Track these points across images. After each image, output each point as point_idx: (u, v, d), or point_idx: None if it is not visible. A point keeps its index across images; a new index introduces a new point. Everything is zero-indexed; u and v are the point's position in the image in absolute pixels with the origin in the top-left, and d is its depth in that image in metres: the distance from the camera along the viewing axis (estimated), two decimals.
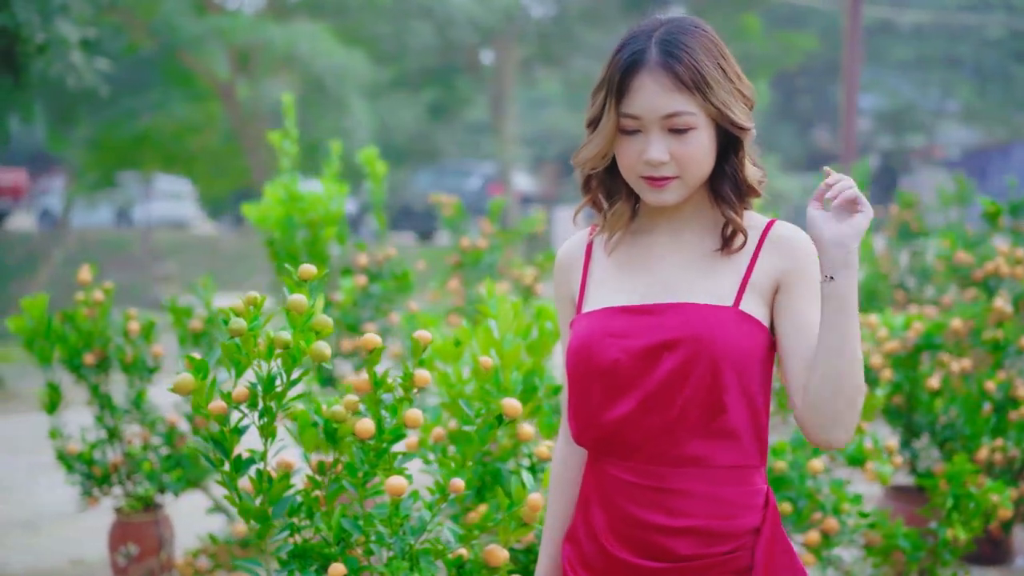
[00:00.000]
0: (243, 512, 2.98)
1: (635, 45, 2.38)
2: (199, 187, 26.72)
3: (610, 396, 2.42)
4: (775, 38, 31.84)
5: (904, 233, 10.39)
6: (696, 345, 2.33)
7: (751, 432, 2.39)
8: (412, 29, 23.84)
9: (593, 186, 2.57)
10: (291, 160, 6.15)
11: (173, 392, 2.86)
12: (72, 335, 5.36)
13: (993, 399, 5.45)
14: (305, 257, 6.05)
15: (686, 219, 2.50)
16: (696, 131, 2.36)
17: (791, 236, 2.42)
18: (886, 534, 4.45)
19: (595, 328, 2.46)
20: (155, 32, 18.54)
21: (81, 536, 6.96)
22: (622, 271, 2.54)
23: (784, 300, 2.40)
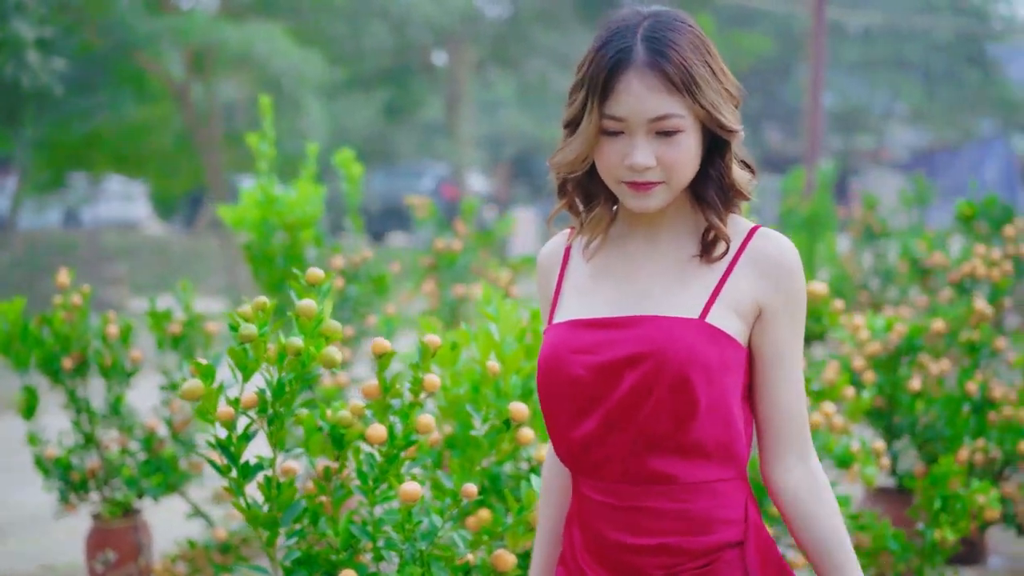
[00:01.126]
0: (251, 519, 2.95)
1: (619, 42, 2.24)
2: (151, 188, 26.51)
3: (576, 414, 2.34)
4: (727, 39, 31.97)
5: (867, 235, 10.48)
6: (657, 360, 2.23)
7: (723, 446, 2.28)
8: (367, 29, 23.75)
9: (569, 189, 2.45)
10: (268, 162, 6.09)
11: (182, 398, 2.83)
12: (49, 339, 5.29)
13: (972, 400, 5.49)
14: (282, 260, 6.00)
15: (665, 224, 2.39)
16: (684, 134, 2.25)
17: (775, 255, 2.31)
18: (875, 536, 4.47)
19: (560, 342, 2.36)
20: (108, 31, 18.36)
21: (54, 542, 6.88)
22: (596, 279, 2.43)
23: (763, 328, 2.32)
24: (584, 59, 2.29)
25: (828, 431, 4.50)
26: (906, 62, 37.36)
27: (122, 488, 5.43)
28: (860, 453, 4.54)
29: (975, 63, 37.19)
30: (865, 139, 40.32)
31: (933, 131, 39.58)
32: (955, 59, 36.87)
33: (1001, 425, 5.30)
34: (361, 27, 23.68)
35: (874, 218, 10.58)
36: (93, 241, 24.01)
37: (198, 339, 5.60)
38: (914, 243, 8.65)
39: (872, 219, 10.56)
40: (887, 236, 10.53)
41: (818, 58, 17.21)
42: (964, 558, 6.05)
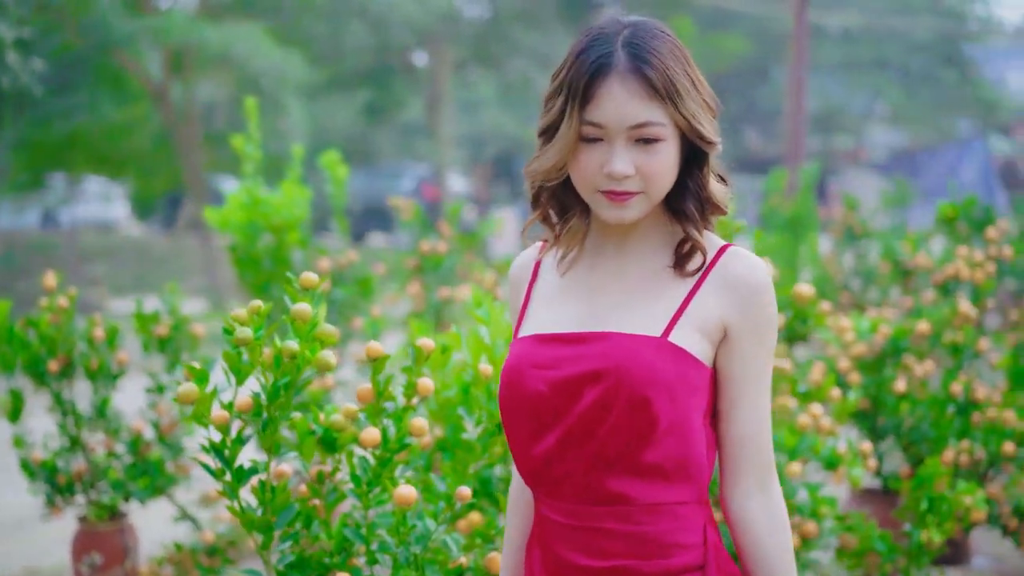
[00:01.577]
0: (246, 523, 2.95)
1: (600, 48, 2.20)
2: (130, 188, 26.43)
3: (536, 430, 2.29)
4: (707, 41, 32.05)
5: (849, 236, 10.53)
6: (617, 377, 2.18)
7: (683, 468, 2.23)
8: (348, 29, 23.73)
9: (544, 200, 2.39)
10: (253, 164, 6.09)
11: (177, 402, 2.83)
12: (35, 342, 5.27)
13: (956, 402, 5.53)
14: (268, 262, 6.00)
15: (636, 237, 2.34)
16: (664, 143, 2.21)
17: (745, 275, 2.25)
18: (862, 537, 4.50)
19: (522, 357, 2.32)
20: (87, 32, 18.30)
21: (38, 544, 6.86)
22: (563, 293, 2.38)
23: (728, 349, 2.26)
24: (562, 66, 2.26)
25: (815, 432, 4.52)
26: (884, 63, 37.50)
27: (108, 491, 5.42)
28: (847, 454, 4.56)
29: (952, 64, 37.36)
30: (843, 139, 40.44)
31: (911, 131, 39.74)
32: (933, 60, 37.03)
33: (985, 427, 5.33)
34: (341, 27, 23.68)
35: (855, 219, 10.64)
36: (72, 242, 23.92)
37: (184, 341, 5.59)
38: (897, 244, 8.69)
39: (853, 220, 10.61)
40: (868, 237, 10.59)
41: (800, 60, 17.26)
42: (948, 559, 6.08)
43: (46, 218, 31.84)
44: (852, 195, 11.16)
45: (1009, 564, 6.17)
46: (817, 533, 4.34)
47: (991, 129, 39.03)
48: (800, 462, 4.44)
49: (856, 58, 37.38)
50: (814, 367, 5.15)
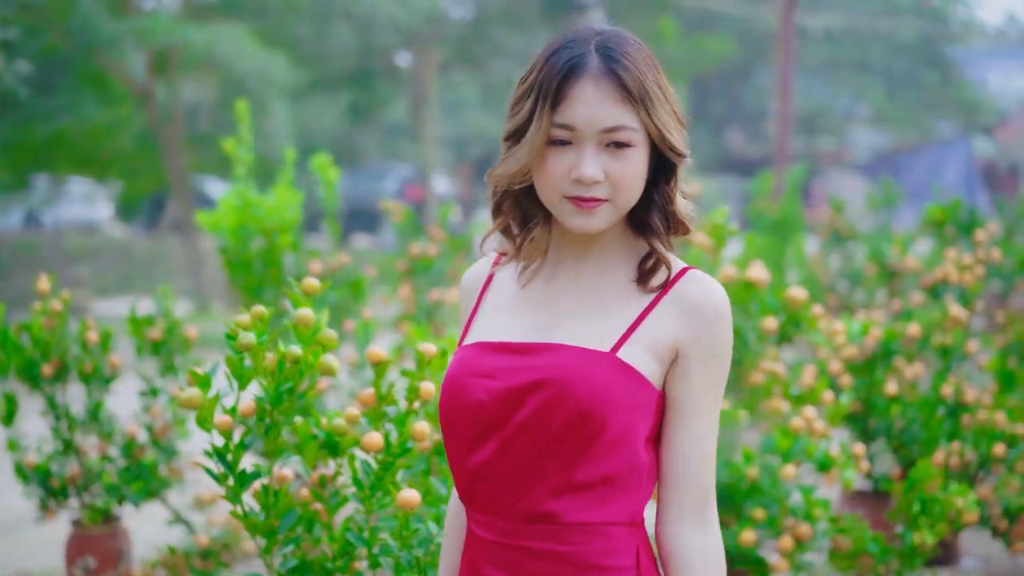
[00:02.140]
0: (250, 527, 2.96)
1: (573, 50, 2.16)
2: (114, 189, 26.37)
3: (473, 440, 2.21)
4: (690, 42, 32.12)
5: (835, 238, 10.59)
6: (559, 389, 2.11)
7: (619, 487, 2.16)
8: (332, 31, 23.73)
9: (506, 209, 2.30)
10: (245, 167, 6.10)
11: (181, 407, 2.84)
12: (28, 346, 5.27)
13: (946, 404, 5.57)
14: (260, 266, 6.01)
15: (595, 251, 2.27)
16: (634, 150, 2.15)
17: (700, 299, 2.19)
18: (856, 539, 4.53)
19: (464, 365, 2.25)
20: (71, 33, 18.26)
21: (30, 546, 6.85)
22: (517, 304, 2.31)
23: (677, 374, 2.19)
24: (531, 69, 2.20)
25: (808, 435, 4.55)
26: (867, 64, 37.66)
27: (102, 494, 5.42)
28: (840, 457, 4.60)
29: (934, 65, 37.55)
30: (826, 140, 40.59)
31: (893, 133, 39.91)
32: (915, 61, 37.21)
33: (976, 429, 5.37)
34: (326, 29, 23.66)
35: (841, 221, 10.71)
36: (55, 243, 23.85)
37: (177, 344, 5.59)
38: (885, 246, 8.74)
39: (839, 222, 10.68)
40: (855, 239, 10.66)
41: (787, 63, 17.31)
42: (937, 560, 6.12)
43: (29, 219, 31.74)
44: (837, 197, 11.23)
45: (997, 565, 6.21)
46: (811, 535, 4.38)
47: (973, 130, 39.25)
48: (794, 464, 4.48)
49: (839, 59, 37.56)
50: (806, 370, 5.19)
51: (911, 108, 37.54)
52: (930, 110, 38.07)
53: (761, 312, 4.85)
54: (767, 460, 4.48)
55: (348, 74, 26.55)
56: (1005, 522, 5.25)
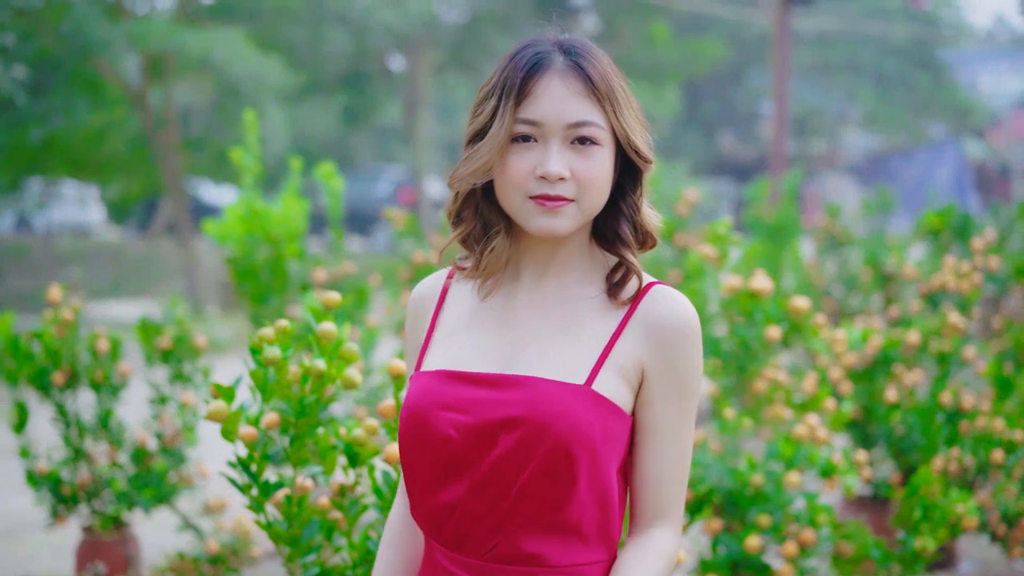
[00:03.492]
0: (274, 536, 3.03)
1: (537, 48, 2.14)
2: (108, 193, 26.39)
3: (440, 477, 2.14)
4: (682, 45, 32.19)
5: (831, 243, 10.68)
6: (538, 427, 2.05)
7: (598, 526, 2.12)
8: (326, 35, 23.77)
9: (466, 217, 2.24)
10: (252, 177, 6.17)
11: (208, 420, 2.91)
12: (39, 354, 5.34)
13: (945, 410, 5.65)
14: (266, 274, 6.08)
15: (559, 264, 2.21)
16: (601, 148, 2.11)
17: (665, 319, 2.14)
18: (858, 544, 4.60)
19: (428, 395, 2.15)
20: (65, 37, 18.28)
21: (37, 552, 6.89)
22: (476, 324, 2.23)
23: (644, 396, 2.14)
24: (492, 74, 2.17)
25: (811, 443, 4.62)
26: (859, 66, 37.77)
27: (112, 501, 5.48)
28: (842, 463, 4.67)
29: (926, 68, 37.68)
30: (818, 143, 40.70)
31: (885, 135, 40.04)
32: (907, 64, 37.33)
33: (974, 435, 5.45)
34: (320, 32, 23.70)
35: (837, 227, 10.80)
36: (46, 246, 23.86)
37: (186, 352, 5.65)
38: (882, 252, 8.82)
39: (835, 228, 10.77)
40: (850, 244, 10.75)
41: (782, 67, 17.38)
42: (937, 564, 6.19)
43: (20, 222, 31.72)
44: (831, 201, 11.33)
45: (995, 570, 6.29)
46: (814, 541, 4.45)
47: (964, 132, 39.40)
48: (797, 472, 4.55)
49: (831, 61, 37.67)
50: (807, 378, 5.26)
51: (903, 110, 37.67)
52: (922, 112, 38.22)
53: (765, 321, 4.93)
54: (771, 467, 4.55)
55: (342, 77, 26.59)
56: (1003, 527, 5.32)
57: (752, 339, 4.95)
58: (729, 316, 5.16)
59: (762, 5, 31.50)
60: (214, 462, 5.88)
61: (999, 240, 9.88)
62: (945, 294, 6.35)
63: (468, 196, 2.22)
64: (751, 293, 4.92)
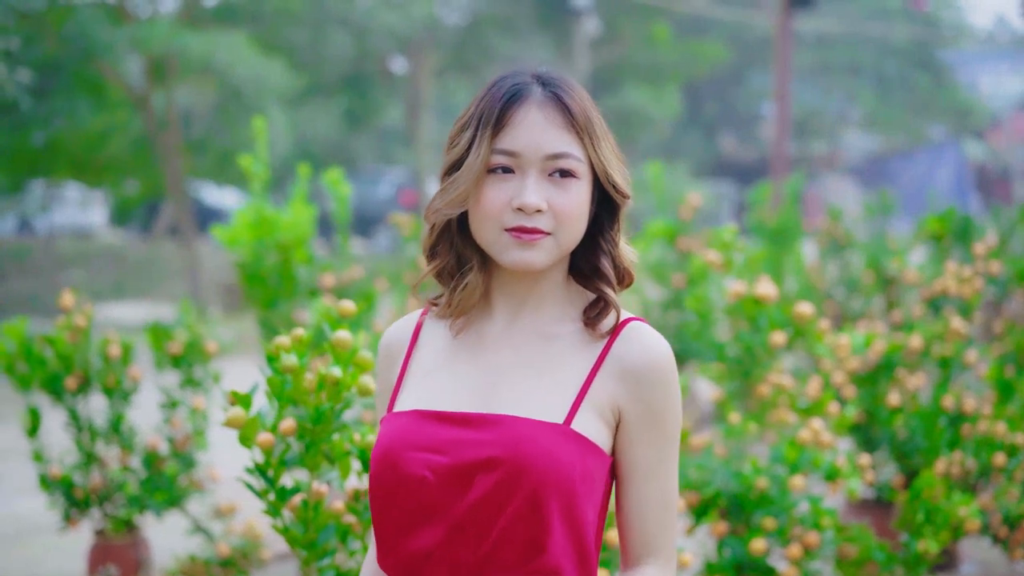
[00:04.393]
0: (291, 540, 3.09)
1: (516, 79, 2.12)
2: (110, 195, 26.47)
3: (413, 522, 2.07)
4: (683, 47, 32.25)
5: (833, 246, 10.75)
6: (517, 467, 2.00)
7: (577, 569, 2.06)
8: (328, 38, 23.84)
9: (441, 252, 2.20)
10: (261, 183, 6.23)
11: (226, 426, 2.97)
12: (52, 359, 5.40)
13: (947, 414, 5.71)
14: (275, 279, 6.15)
15: (535, 301, 2.17)
16: (579, 182, 2.08)
17: (638, 359, 2.10)
18: (862, 547, 4.66)
19: (401, 435, 2.10)
20: (68, 40, 18.34)
21: (46, 555, 6.95)
22: (450, 363, 2.18)
23: (622, 437, 2.11)
24: (469, 105, 2.14)
25: (815, 447, 4.68)
26: (859, 67, 37.83)
27: (124, 504, 5.54)
28: (846, 467, 4.73)
29: (926, 69, 37.74)
30: (818, 144, 40.75)
31: (885, 136, 40.08)
32: (907, 65, 37.39)
33: (976, 438, 5.51)
34: (322, 35, 23.78)
35: (839, 230, 10.88)
36: (48, 249, 23.93)
37: (196, 356, 5.71)
38: (884, 256, 8.89)
39: (837, 231, 10.85)
40: (852, 247, 10.83)
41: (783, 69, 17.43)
42: (939, 566, 6.25)
43: (22, 225, 31.78)
44: (832, 203, 11.41)
45: (997, 572, 6.35)
46: (819, 544, 4.51)
47: (964, 133, 39.44)
48: (801, 475, 4.60)
49: (831, 63, 37.71)
50: (810, 382, 5.32)
51: (903, 111, 37.71)
52: (922, 113, 38.26)
53: (769, 326, 4.99)
54: (775, 471, 4.60)
55: (344, 80, 26.66)
56: (1005, 529, 5.37)
57: (756, 344, 5.01)
58: (733, 321, 5.22)
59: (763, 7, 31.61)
60: (224, 466, 5.95)
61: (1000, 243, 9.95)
62: (947, 298, 6.41)
63: (443, 230, 2.18)
64: (755, 299, 4.99)
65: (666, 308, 9.12)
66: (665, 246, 9.10)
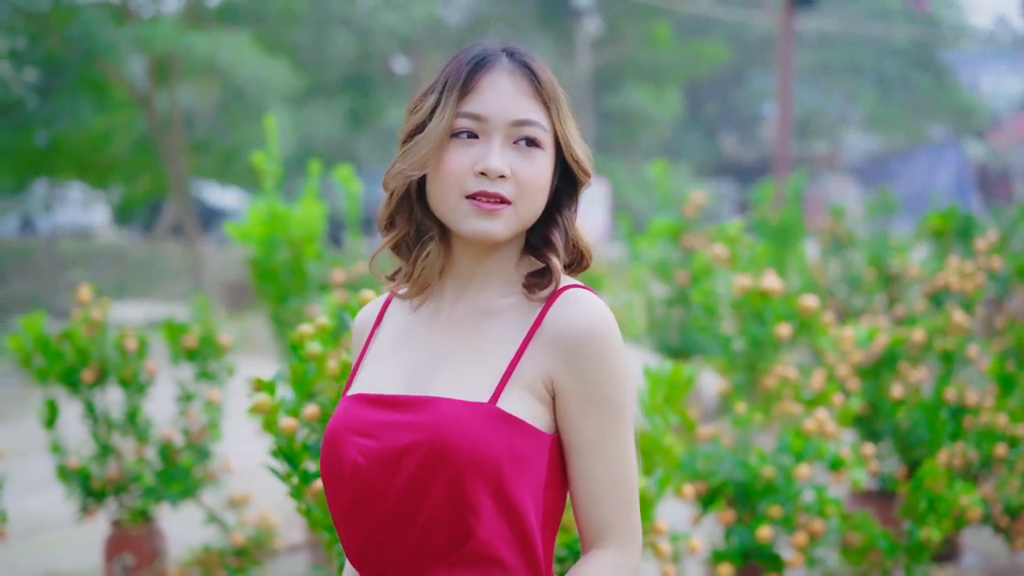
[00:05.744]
0: (313, 523, 3.18)
1: (483, 47, 2.08)
2: (114, 194, 26.54)
3: (354, 506, 2.03)
4: (684, 47, 32.35)
5: (835, 244, 10.84)
6: (435, 451, 1.93)
7: (518, 552, 1.98)
8: (331, 38, 23.95)
9: (399, 223, 2.13)
10: (273, 181, 6.33)
11: (252, 413, 3.06)
12: (69, 352, 5.49)
13: (949, 406, 5.80)
14: (287, 275, 6.24)
15: (481, 277, 2.10)
16: (542, 152, 2.03)
17: (570, 326, 2.00)
18: (866, 535, 4.75)
19: (343, 420, 2.06)
20: (71, 40, 18.44)
21: (59, 549, 7.04)
22: (400, 344, 2.13)
23: (561, 412, 2.01)
24: (435, 75, 2.11)
25: (820, 437, 4.76)
26: (860, 68, 37.91)
27: (140, 495, 5.63)
28: (850, 457, 4.81)
29: (927, 69, 37.82)
30: (819, 144, 40.84)
31: (886, 136, 40.16)
32: (908, 65, 37.48)
33: (978, 430, 5.59)
34: (324, 36, 23.88)
35: (841, 228, 10.98)
36: (50, 248, 24.00)
37: (210, 351, 5.80)
38: (886, 253, 8.98)
39: (839, 229, 10.95)
40: (854, 245, 10.92)
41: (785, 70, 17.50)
42: (941, 556, 6.34)
43: (25, 224, 31.84)
44: (834, 202, 11.50)
45: (998, 561, 6.44)
46: (824, 532, 4.59)
47: (965, 133, 39.52)
48: (806, 464, 4.69)
49: (832, 63, 37.80)
50: (815, 374, 5.41)
51: (904, 112, 37.82)
52: (923, 114, 38.36)
53: (774, 320, 5.08)
54: (781, 460, 4.69)
55: (346, 80, 26.78)
56: (1006, 519, 5.46)
57: (762, 337, 5.10)
58: (739, 315, 5.31)
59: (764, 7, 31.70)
60: (238, 458, 6.04)
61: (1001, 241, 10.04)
62: (949, 294, 6.49)
63: (402, 199, 2.12)
64: (761, 293, 5.08)
65: (670, 305, 9.22)
66: (669, 244, 9.20)
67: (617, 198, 30.15)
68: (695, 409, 6.18)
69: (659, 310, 9.34)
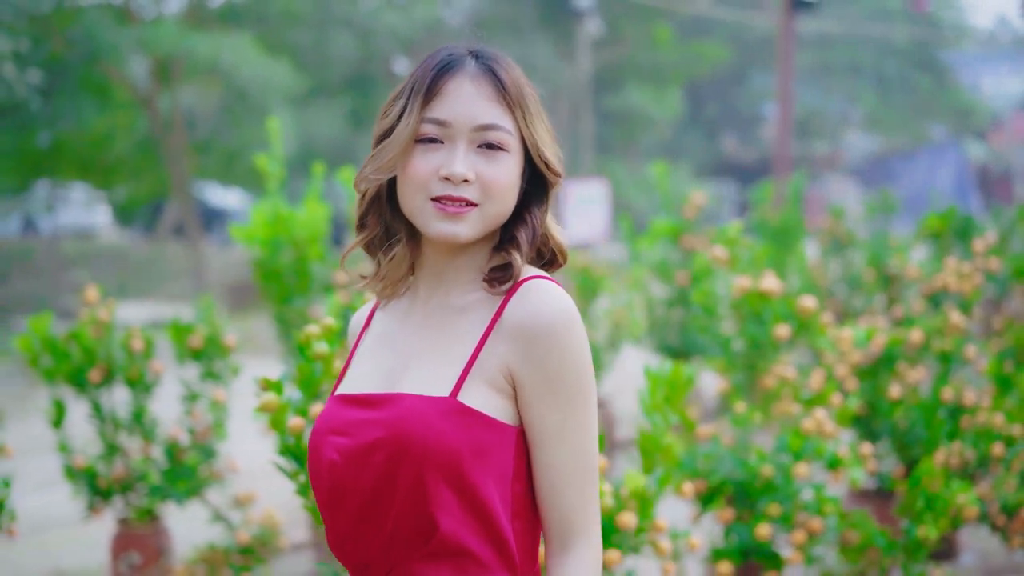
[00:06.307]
0: (318, 520, 3.24)
1: (450, 51, 2.11)
2: (116, 195, 26.58)
3: (332, 503, 2.07)
4: (685, 48, 32.39)
5: (835, 245, 10.89)
6: (399, 446, 1.97)
7: (487, 543, 2.01)
8: (332, 39, 24.00)
9: (370, 224, 2.17)
10: (277, 182, 6.38)
11: (259, 412, 3.12)
12: (76, 352, 5.55)
13: (947, 406, 5.85)
14: (291, 276, 6.30)
15: (451, 274, 2.13)
16: (508, 155, 2.06)
17: (526, 319, 2.02)
18: (864, 534, 4.80)
19: (324, 421, 2.11)
20: (74, 42, 18.49)
21: (65, 548, 7.10)
22: (373, 344, 2.20)
23: (522, 403, 2.04)
24: (405, 80, 2.13)
25: (818, 436, 4.82)
26: (860, 68, 37.92)
27: (146, 494, 5.68)
28: (848, 456, 4.86)
29: (928, 69, 37.83)
30: (820, 144, 40.86)
31: (887, 136, 40.16)
32: (908, 65, 37.49)
33: (975, 430, 5.64)
34: (326, 36, 23.92)
35: (841, 229, 11.04)
36: (51, 249, 24.03)
37: (216, 351, 5.85)
38: (885, 254, 9.04)
39: (839, 230, 11.01)
40: (854, 246, 10.98)
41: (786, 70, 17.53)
42: (939, 554, 6.39)
43: (26, 225, 31.86)
44: (834, 203, 11.57)
45: (994, 560, 6.49)
46: (822, 530, 4.64)
47: (966, 134, 39.54)
48: (805, 463, 4.74)
49: (832, 63, 37.80)
50: (814, 374, 5.46)
51: (904, 112, 37.82)
52: (923, 114, 38.37)
53: (774, 320, 5.13)
54: (780, 459, 4.73)
55: (348, 81, 26.82)
56: (1003, 518, 5.50)
57: (761, 337, 5.16)
58: (739, 316, 5.36)
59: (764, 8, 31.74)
60: (242, 457, 6.10)
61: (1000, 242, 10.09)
62: (947, 294, 6.55)
63: (373, 200, 2.16)
64: (761, 293, 5.13)
65: (670, 305, 9.27)
66: (669, 244, 9.26)
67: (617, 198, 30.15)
68: (695, 409, 6.24)
69: (659, 310, 9.39)
